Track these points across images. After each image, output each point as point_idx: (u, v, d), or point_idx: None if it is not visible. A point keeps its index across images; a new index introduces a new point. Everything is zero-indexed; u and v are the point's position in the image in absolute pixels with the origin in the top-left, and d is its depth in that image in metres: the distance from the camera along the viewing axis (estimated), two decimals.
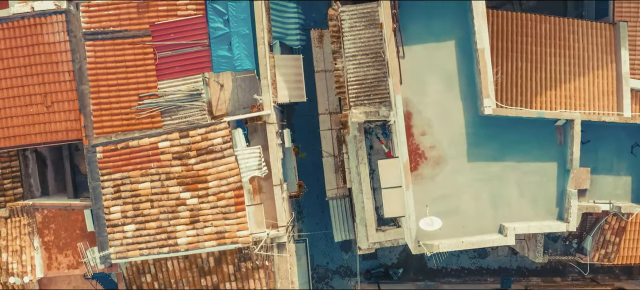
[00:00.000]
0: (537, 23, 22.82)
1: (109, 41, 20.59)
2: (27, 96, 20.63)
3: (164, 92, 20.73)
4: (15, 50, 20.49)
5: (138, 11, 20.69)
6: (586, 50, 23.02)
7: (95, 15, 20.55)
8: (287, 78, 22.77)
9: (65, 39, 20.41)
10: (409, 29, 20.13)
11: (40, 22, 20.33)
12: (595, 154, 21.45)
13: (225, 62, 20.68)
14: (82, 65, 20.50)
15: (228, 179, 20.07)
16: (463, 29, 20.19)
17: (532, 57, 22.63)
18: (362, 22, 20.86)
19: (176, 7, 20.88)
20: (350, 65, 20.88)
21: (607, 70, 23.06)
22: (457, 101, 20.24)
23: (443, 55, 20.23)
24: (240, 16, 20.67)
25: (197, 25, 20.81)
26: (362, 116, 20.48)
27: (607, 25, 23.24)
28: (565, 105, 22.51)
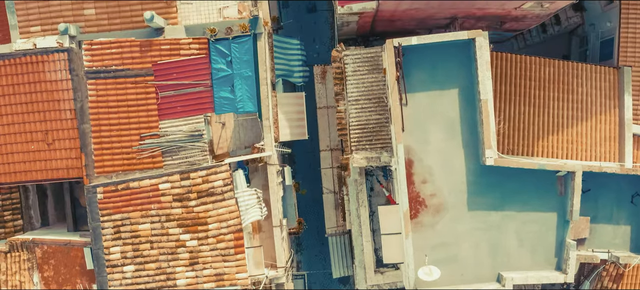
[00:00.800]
0: (541, 66, 22.73)
1: (111, 80, 20.52)
2: (28, 133, 20.59)
3: (166, 132, 20.69)
4: (17, 86, 20.43)
5: (141, 50, 20.60)
6: (589, 95, 22.94)
7: (98, 53, 20.46)
8: (289, 116, 22.71)
9: (67, 77, 20.34)
10: (413, 75, 20.06)
11: (42, 60, 20.26)
12: (595, 203, 21.46)
13: (228, 104, 20.62)
14: (83, 104, 20.44)
15: (228, 221, 20.09)
16: (467, 77, 20.12)
17: (535, 101, 22.56)
18: (365, 66, 20.79)
19: (179, 47, 20.79)
20: (353, 109, 20.83)
21: (609, 116, 23.00)
22: (459, 149, 20.21)
23: (446, 103, 20.17)
24: (243, 58, 20.60)
25: (200, 65, 20.74)
26: (364, 161, 20.47)
27: (612, 70, 23.15)
28: (567, 151, 22.48)
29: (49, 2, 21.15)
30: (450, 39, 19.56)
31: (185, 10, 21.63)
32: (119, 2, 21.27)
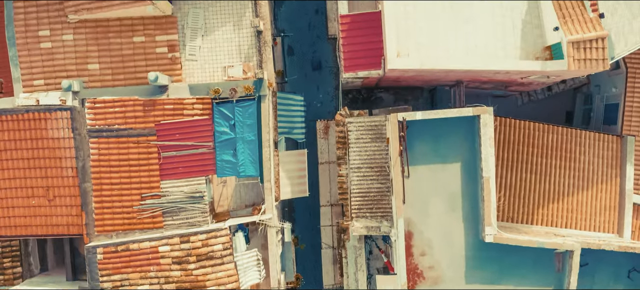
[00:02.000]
0: (544, 133, 22.72)
1: (113, 139, 20.47)
2: (29, 188, 20.57)
3: (167, 192, 20.69)
4: (19, 142, 20.35)
5: (144, 109, 20.53)
6: (591, 164, 22.94)
7: (101, 112, 20.39)
8: (291, 174, 22.71)
9: (69, 135, 20.27)
10: (416, 148, 20.03)
11: (45, 117, 20.17)
12: (592, 277, 21.55)
13: (230, 167, 20.60)
14: (85, 163, 20.41)
15: (226, 285, 20.18)
16: (470, 152, 20.10)
17: (537, 168, 22.58)
18: (368, 134, 20.74)
19: (183, 106, 20.72)
20: (355, 177, 20.82)
21: (610, 185, 23.02)
22: (459, 223, 20.26)
23: (448, 177, 20.18)
24: (246, 122, 20.54)
25: (203, 127, 20.68)
26: (364, 231, 20.52)
27: (615, 138, 23.12)
28: (567, 220, 22.54)
29: (53, 55, 21.05)
30: (455, 115, 19.52)
31: (189, 67, 21.54)
32: (123, 57, 21.17)
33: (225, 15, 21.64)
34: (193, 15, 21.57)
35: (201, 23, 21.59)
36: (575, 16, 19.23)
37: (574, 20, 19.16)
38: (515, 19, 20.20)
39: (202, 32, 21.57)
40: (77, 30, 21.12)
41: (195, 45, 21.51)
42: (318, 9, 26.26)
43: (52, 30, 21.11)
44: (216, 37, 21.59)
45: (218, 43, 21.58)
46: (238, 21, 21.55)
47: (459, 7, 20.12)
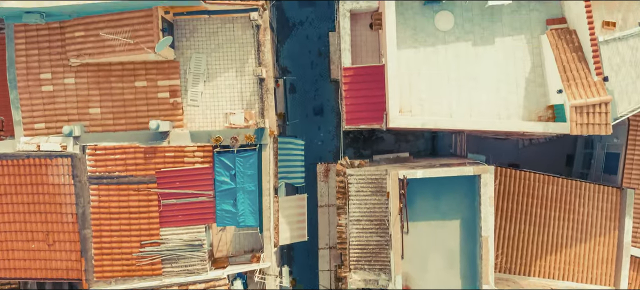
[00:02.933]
0: (544, 184, 22.73)
1: (113, 186, 20.48)
2: (29, 232, 20.63)
3: (166, 240, 20.73)
4: (20, 187, 20.38)
5: (145, 157, 20.51)
6: (590, 215, 22.98)
7: (102, 159, 20.38)
8: (290, 219, 22.73)
9: (70, 182, 20.29)
10: (416, 204, 20.05)
11: (45, 163, 20.19)
12: None
13: (229, 217, 20.62)
14: (85, 209, 20.43)
15: None
16: (469, 210, 20.11)
17: (536, 219, 22.63)
18: (369, 187, 20.74)
19: (184, 154, 20.71)
20: (354, 229, 20.86)
21: (609, 237, 23.08)
22: (457, 279, 20.32)
23: (447, 233, 20.21)
24: (247, 172, 20.54)
25: (203, 176, 20.69)
26: (361, 284, 20.61)
27: (614, 190, 23.14)
28: (564, 272, 22.63)
29: (54, 99, 20.97)
30: (456, 174, 19.51)
31: (191, 113, 21.46)
32: (124, 102, 21.09)
33: (227, 61, 21.53)
34: (195, 60, 21.47)
35: (203, 68, 21.50)
36: (579, 79, 19.16)
37: (578, 84, 19.09)
38: (519, 77, 20.14)
39: (204, 77, 21.49)
40: (79, 74, 21.03)
41: (197, 91, 21.43)
42: (321, 52, 26.18)
43: (53, 74, 21.01)
44: (218, 83, 21.51)
45: (220, 89, 21.50)
46: (240, 67, 21.45)
47: (463, 64, 20.05)
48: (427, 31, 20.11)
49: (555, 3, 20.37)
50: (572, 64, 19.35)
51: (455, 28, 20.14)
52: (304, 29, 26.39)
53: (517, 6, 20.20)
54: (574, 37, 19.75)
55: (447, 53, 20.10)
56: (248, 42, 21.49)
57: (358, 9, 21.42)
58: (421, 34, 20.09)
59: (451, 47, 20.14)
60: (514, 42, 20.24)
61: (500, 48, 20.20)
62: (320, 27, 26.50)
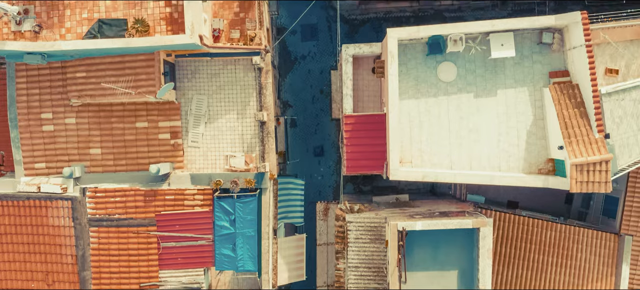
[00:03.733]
0: (542, 230, 22.77)
1: (113, 228, 20.53)
2: (29, 272, 20.72)
3: (165, 282, 20.83)
4: (20, 227, 20.45)
5: (145, 200, 20.54)
6: (588, 261, 23.05)
7: (102, 201, 20.41)
8: (289, 259, 22.82)
9: (70, 224, 20.35)
10: (414, 254, 20.10)
11: (45, 205, 20.23)
12: None
13: (228, 261, 20.70)
14: (85, 251, 20.50)
15: None
16: (468, 261, 20.19)
17: (533, 265, 22.69)
18: (368, 235, 20.80)
19: (184, 197, 20.74)
20: (352, 275, 20.94)
21: (605, 283, 23.16)
22: None
23: (445, 284, 20.28)
24: (246, 217, 20.58)
25: (203, 220, 20.73)
26: None
27: (612, 236, 23.19)
28: None
29: (55, 139, 20.96)
30: (455, 226, 19.56)
31: (192, 154, 21.46)
32: (125, 143, 21.08)
33: (229, 103, 21.50)
34: (197, 101, 21.43)
35: (205, 110, 21.47)
36: (581, 136, 19.14)
37: (579, 141, 19.07)
38: (520, 129, 20.11)
39: (205, 119, 21.46)
40: (80, 114, 21.01)
41: (198, 132, 21.41)
42: (323, 89, 26.13)
43: (54, 113, 21.00)
44: (219, 125, 21.49)
45: (221, 131, 21.49)
46: (242, 110, 21.42)
47: (465, 116, 20.02)
48: (429, 82, 20.06)
49: (558, 55, 20.30)
50: (574, 120, 19.32)
51: (458, 79, 20.10)
52: (306, 64, 26.32)
53: (520, 58, 20.13)
54: (577, 92, 19.70)
55: (448, 104, 20.06)
56: (250, 84, 21.44)
57: (360, 53, 21.35)
58: (423, 84, 20.04)
59: (453, 98, 20.10)
60: (516, 94, 20.19)
61: (502, 100, 20.16)
62: (323, 62, 26.43)
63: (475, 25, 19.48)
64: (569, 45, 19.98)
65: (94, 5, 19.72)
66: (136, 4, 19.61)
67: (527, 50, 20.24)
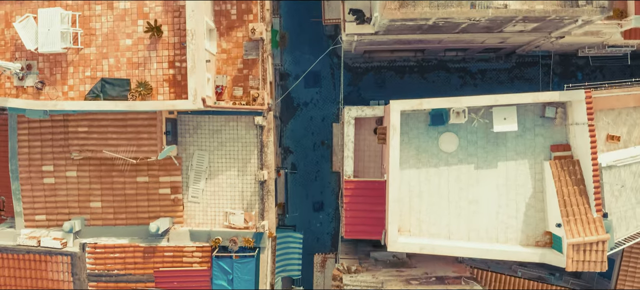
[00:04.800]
0: None
1: (112, 284, 20.70)
2: None
3: None
4: (19, 280, 20.62)
5: (144, 256, 20.68)
6: None
7: (101, 257, 20.54)
8: None
9: (69, 279, 20.52)
10: None
11: (45, 260, 20.37)
12: None
13: None
14: None
15: None
16: None
17: None
18: None
19: (182, 254, 20.87)
20: None
21: None
22: None
23: None
24: (244, 277, 20.73)
25: (201, 277, 20.87)
26: None
27: None
28: None
29: (56, 191, 21.04)
30: None
31: (191, 209, 21.55)
32: (125, 197, 21.16)
33: (230, 159, 21.54)
34: (198, 157, 21.47)
35: (205, 166, 21.52)
36: (579, 215, 19.19)
37: (577, 220, 19.13)
38: (519, 202, 20.16)
39: (206, 175, 21.52)
40: (81, 167, 21.05)
41: (198, 188, 21.49)
42: (324, 141, 26.14)
43: (55, 166, 21.05)
44: (220, 181, 21.55)
45: (221, 187, 21.55)
46: (243, 167, 21.47)
47: (465, 187, 20.07)
48: (430, 152, 20.09)
49: (560, 128, 20.30)
50: (573, 198, 19.37)
51: (459, 150, 20.12)
52: (309, 110, 26.32)
53: (522, 130, 20.13)
54: (577, 169, 19.72)
55: (449, 174, 20.11)
56: (251, 141, 21.47)
57: (363, 115, 21.35)
58: (424, 154, 20.07)
59: (453, 168, 20.13)
60: (516, 167, 20.22)
61: (502, 172, 20.19)
62: (325, 109, 26.43)
63: (479, 99, 19.46)
64: (572, 120, 19.97)
65: (97, 64, 19.69)
66: (139, 64, 19.58)
67: (529, 122, 20.24)
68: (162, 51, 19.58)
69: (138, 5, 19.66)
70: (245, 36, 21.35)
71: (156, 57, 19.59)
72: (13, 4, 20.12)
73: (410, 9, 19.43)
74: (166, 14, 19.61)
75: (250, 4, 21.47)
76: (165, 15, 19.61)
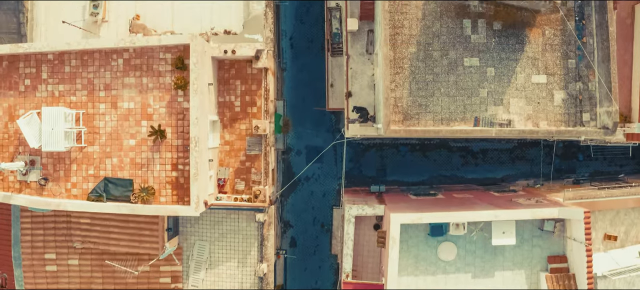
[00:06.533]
0: None
1: None
2: None
3: None
4: None
5: None
6: None
7: None
8: None
9: None
10: None
11: None
12: None
13: None
14: None
15: None
16: None
17: None
18: None
19: None
20: None
21: None
22: None
23: None
24: None
25: None
26: None
27: None
28: None
29: (58, 279, 21.33)
30: None
31: None
32: (126, 285, 21.46)
33: (230, 250, 21.77)
34: (199, 247, 21.69)
35: (206, 256, 21.75)
36: None
37: None
38: None
39: (206, 265, 21.76)
40: (83, 256, 21.30)
41: (198, 278, 21.75)
42: (324, 224, 26.32)
43: (58, 254, 21.29)
44: (219, 272, 21.80)
45: (221, 278, 21.82)
46: (243, 258, 21.71)
47: None
48: (429, 260, 20.29)
49: (558, 240, 20.48)
50: None
51: (457, 259, 20.32)
52: (310, 185, 26.44)
53: (520, 242, 20.31)
54: (572, 283, 19.97)
55: (446, 283, 20.34)
56: (252, 234, 21.68)
57: (363, 214, 21.48)
58: (423, 262, 20.28)
59: (451, 277, 20.36)
60: (513, 276, 20.47)
61: (499, 281, 20.43)
62: (326, 184, 26.55)
63: (478, 214, 19.60)
64: (569, 234, 20.15)
65: (100, 163, 19.79)
66: (143, 165, 19.67)
67: (527, 234, 20.43)
68: (166, 153, 19.67)
69: (142, 106, 19.68)
70: (249, 129, 21.37)
71: (159, 158, 19.69)
72: (17, 98, 20.15)
73: (414, 124, 19.48)
74: (170, 116, 19.66)
75: (255, 97, 21.47)
76: (169, 117, 19.65)
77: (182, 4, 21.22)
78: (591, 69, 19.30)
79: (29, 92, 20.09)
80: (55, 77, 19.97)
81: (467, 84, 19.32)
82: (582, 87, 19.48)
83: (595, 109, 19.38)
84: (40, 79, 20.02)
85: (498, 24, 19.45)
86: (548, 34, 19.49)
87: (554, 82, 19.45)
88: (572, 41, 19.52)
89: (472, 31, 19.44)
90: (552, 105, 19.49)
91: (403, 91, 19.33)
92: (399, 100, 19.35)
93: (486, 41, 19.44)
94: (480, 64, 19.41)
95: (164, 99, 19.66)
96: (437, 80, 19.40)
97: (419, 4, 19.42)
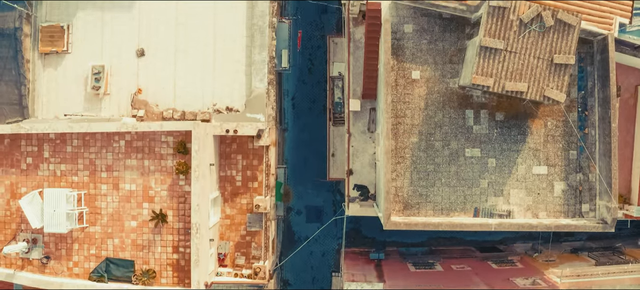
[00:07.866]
0: None
1: None
2: None
3: None
4: None
5: None
6: None
7: None
8: None
9: None
10: None
11: None
12: None
13: None
14: None
15: None
16: None
17: None
18: None
19: None
20: None
21: None
22: None
23: None
24: None
25: None
26: None
27: None
28: None
29: None
30: None
31: None
32: None
33: None
34: None
35: None
36: None
37: None
38: None
39: None
40: None
41: None
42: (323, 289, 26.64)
43: None
44: None
45: None
46: None
47: None
48: None
49: None
50: None
51: None
52: (309, 245, 26.58)
53: None
54: None
55: None
56: None
57: None
58: None
59: None
60: None
61: None
62: (326, 244, 26.70)
63: None
64: None
65: (102, 243, 19.92)
66: (144, 247, 19.80)
67: None
68: (167, 236, 19.80)
69: (144, 188, 19.75)
70: (250, 204, 21.45)
71: (160, 241, 19.83)
72: (18, 175, 20.21)
73: (414, 214, 19.57)
74: (171, 199, 19.75)
75: (256, 172, 21.51)
76: (170, 199, 19.75)
77: (184, 80, 21.16)
78: (592, 161, 19.36)
79: (31, 171, 20.16)
80: (57, 156, 20.03)
81: (468, 174, 19.38)
82: (582, 178, 19.55)
83: (595, 200, 19.47)
84: (42, 157, 20.08)
85: (500, 115, 19.48)
86: (550, 125, 19.51)
87: (555, 173, 19.51)
88: (574, 132, 19.55)
89: (475, 122, 19.45)
90: (552, 196, 19.57)
91: (404, 180, 19.41)
92: (400, 190, 19.45)
93: (488, 132, 19.47)
94: (481, 155, 19.45)
95: (165, 182, 19.73)
96: (438, 170, 19.46)
97: (422, 93, 19.42)
